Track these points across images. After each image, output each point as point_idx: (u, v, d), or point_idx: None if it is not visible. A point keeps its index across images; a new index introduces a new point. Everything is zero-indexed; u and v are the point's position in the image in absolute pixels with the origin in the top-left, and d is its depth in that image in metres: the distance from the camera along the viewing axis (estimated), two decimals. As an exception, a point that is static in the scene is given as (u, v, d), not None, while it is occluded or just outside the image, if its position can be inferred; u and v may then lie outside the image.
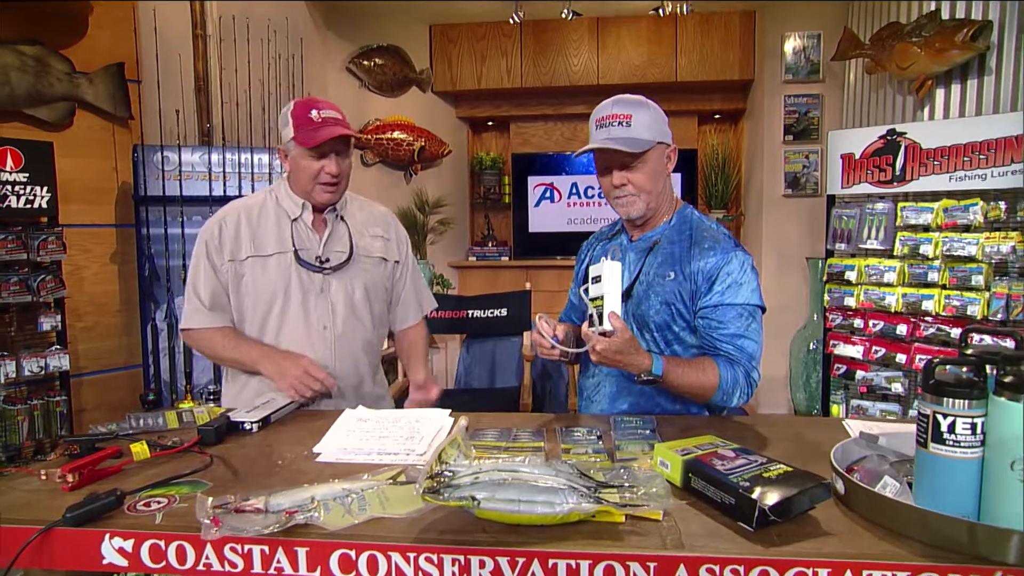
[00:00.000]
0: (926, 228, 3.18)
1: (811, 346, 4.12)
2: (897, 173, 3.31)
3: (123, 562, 1.00)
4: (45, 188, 2.92)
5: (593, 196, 5.31)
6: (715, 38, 4.69)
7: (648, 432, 1.40)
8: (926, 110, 3.74)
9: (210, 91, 3.66)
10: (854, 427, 1.42)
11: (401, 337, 2.03)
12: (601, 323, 1.37)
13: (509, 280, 5.07)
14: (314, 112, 1.67)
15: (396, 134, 4.84)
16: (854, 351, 3.42)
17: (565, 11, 4.21)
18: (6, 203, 2.81)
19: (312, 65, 4.23)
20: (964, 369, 0.95)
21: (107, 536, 1.00)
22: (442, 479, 1.03)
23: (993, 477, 0.90)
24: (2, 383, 2.81)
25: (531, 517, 0.98)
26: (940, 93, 3.58)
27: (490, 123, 5.60)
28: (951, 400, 0.92)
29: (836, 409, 3.59)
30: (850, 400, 3.50)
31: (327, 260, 1.77)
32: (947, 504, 0.92)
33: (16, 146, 2.84)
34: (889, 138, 3.35)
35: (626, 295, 1.60)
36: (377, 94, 4.83)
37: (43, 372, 2.92)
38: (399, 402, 1.98)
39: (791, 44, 4.36)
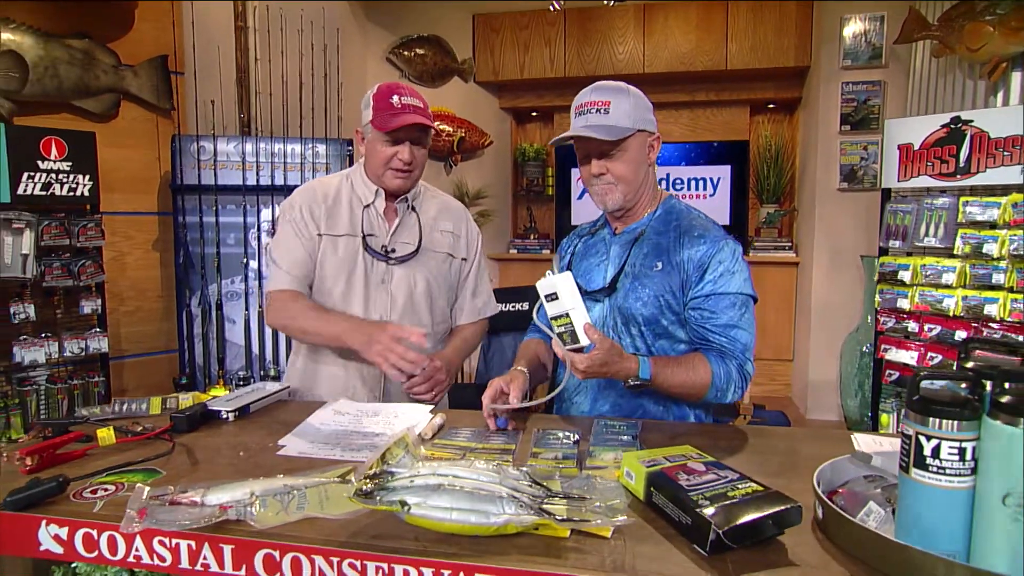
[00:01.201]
0: (992, 225, 2.90)
1: (863, 350, 3.86)
2: (961, 165, 3.05)
3: (59, 549, 1.00)
4: (87, 176, 3.04)
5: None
6: (769, 23, 4.44)
7: (628, 439, 1.31)
8: (999, 96, 3.42)
9: (249, 82, 3.72)
10: (863, 442, 1.28)
11: (454, 332, 1.94)
12: (575, 340, 1.28)
13: (549, 273, 4.98)
14: (395, 98, 1.65)
15: (437, 124, 4.82)
16: (908, 357, 3.18)
17: (608, -2, 4.07)
18: (50, 191, 2.93)
19: (351, 56, 4.25)
20: (960, 385, 0.83)
21: (44, 523, 0.99)
22: (380, 480, 0.98)
23: (983, 511, 0.77)
24: (45, 363, 2.95)
25: (463, 527, 0.91)
26: (1016, 77, 3.28)
27: (534, 114, 5.51)
28: (936, 420, 0.79)
29: (886, 419, 3.35)
30: (902, 409, 3.26)
31: (393, 250, 1.74)
32: (930, 539, 0.80)
33: (60, 136, 2.96)
34: (953, 127, 3.08)
35: (610, 289, 1.51)
36: (418, 84, 4.82)
37: (83, 353, 3.05)
38: (453, 397, 1.91)
39: (851, 27, 4.08)
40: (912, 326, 3.15)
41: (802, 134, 4.80)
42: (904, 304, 3.16)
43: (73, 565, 1.20)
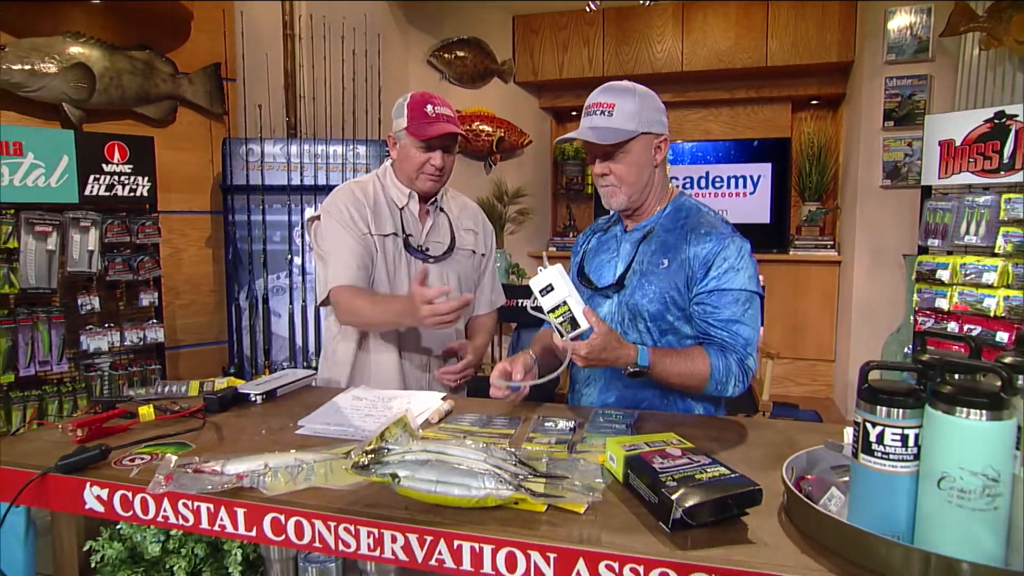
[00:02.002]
0: (1036, 223, 2.82)
1: (906, 351, 3.77)
2: (1005, 161, 2.95)
3: (100, 508, 1.13)
4: (146, 178, 3.27)
5: (677, 187, 5.13)
6: (811, 18, 4.37)
7: (624, 427, 1.37)
8: (1051, 89, 3.30)
9: (296, 87, 3.91)
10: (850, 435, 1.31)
11: (470, 323, 2.06)
12: (576, 326, 1.34)
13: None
14: (429, 107, 1.75)
15: (476, 125, 4.93)
16: (946, 358, 3.10)
17: (643, -2, 4.09)
18: (113, 191, 3.17)
19: (393, 59, 4.40)
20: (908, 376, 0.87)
21: (88, 484, 1.13)
22: (377, 455, 1.08)
23: (924, 495, 0.81)
24: (108, 351, 3.19)
25: (447, 498, 1.00)
26: (1067, 70, 3.15)
27: (573, 113, 5.55)
28: (881, 408, 0.84)
29: (924, 421, 3.28)
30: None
31: (428, 249, 1.86)
32: (876, 521, 0.84)
33: (123, 141, 3.19)
34: (997, 121, 2.99)
35: (618, 285, 1.57)
36: (458, 86, 4.94)
37: (142, 343, 3.28)
38: (472, 387, 2.00)
39: (896, 21, 3.98)
40: (952, 326, 3.08)
41: (845, 130, 4.70)
42: (943, 304, 3.08)
43: (118, 527, 1.35)
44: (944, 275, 3.06)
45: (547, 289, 1.34)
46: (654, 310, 1.53)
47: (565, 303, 1.33)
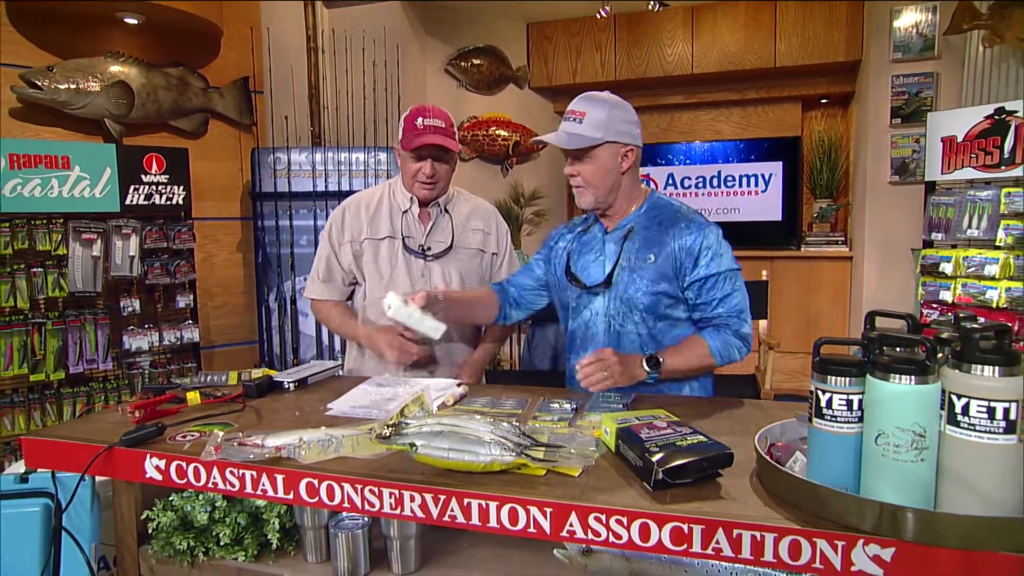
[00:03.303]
0: (1037, 216, 2.89)
1: (915, 344, 3.84)
2: (1005, 156, 3.03)
3: (158, 477, 1.30)
4: (181, 187, 3.47)
5: (690, 187, 5.24)
6: (818, 18, 4.45)
7: (620, 407, 1.51)
8: (1054, 85, 3.35)
9: (320, 98, 4.10)
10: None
11: (487, 333, 2.18)
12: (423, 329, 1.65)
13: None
14: (419, 120, 1.90)
15: (492, 130, 5.08)
16: (952, 350, 3.17)
17: (652, 3, 4.21)
18: (151, 200, 3.38)
19: (412, 69, 4.57)
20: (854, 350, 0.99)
21: (148, 456, 1.30)
22: (397, 428, 1.23)
23: (865, 451, 0.94)
24: (148, 350, 3.40)
25: (457, 463, 1.15)
26: (1069, 65, 3.21)
27: (588, 116, 5.68)
28: (831, 378, 0.96)
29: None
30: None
31: (429, 248, 2.02)
32: (829, 476, 0.97)
33: (160, 153, 3.40)
34: (997, 118, 3.07)
35: (607, 282, 1.71)
36: (474, 93, 5.10)
37: (179, 342, 3.49)
38: (490, 381, 2.18)
39: (902, 19, 4.05)
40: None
41: (855, 128, 4.77)
42: (947, 296, 3.16)
43: (171, 498, 1.52)
44: (947, 268, 3.14)
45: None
46: (648, 301, 1.67)
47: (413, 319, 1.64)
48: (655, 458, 1.07)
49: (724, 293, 1.65)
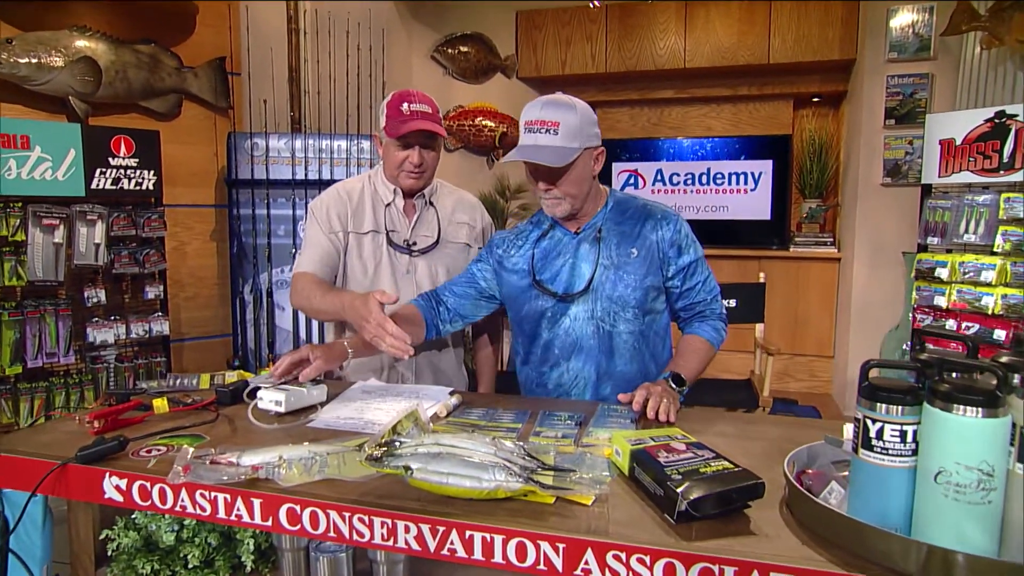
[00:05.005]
0: (1035, 222, 2.85)
1: (904, 347, 3.81)
2: (1004, 160, 2.98)
3: (119, 498, 1.16)
4: (152, 172, 3.29)
5: (679, 183, 5.16)
6: (813, 15, 4.38)
7: (627, 422, 1.40)
8: (1051, 90, 3.32)
9: (300, 82, 3.93)
10: (850, 431, 1.34)
11: (478, 327, 2.04)
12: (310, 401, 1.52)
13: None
14: (405, 105, 1.76)
15: (479, 120, 4.94)
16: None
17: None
18: (119, 185, 3.19)
19: (397, 55, 4.41)
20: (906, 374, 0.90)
21: (107, 474, 1.16)
22: (389, 448, 1.11)
23: (921, 489, 0.84)
24: (114, 343, 3.22)
25: (458, 490, 1.03)
26: (1067, 70, 3.17)
27: (576, 109, 5.57)
28: (881, 405, 0.87)
29: (921, 417, 3.31)
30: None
31: (415, 243, 1.88)
32: (876, 514, 0.87)
33: (129, 135, 3.21)
34: (997, 121, 3.02)
35: (588, 285, 1.63)
36: (461, 81, 4.95)
37: (148, 335, 3.31)
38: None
39: (898, 19, 3.99)
40: (950, 324, 3.11)
41: (846, 128, 4.72)
42: (941, 301, 3.12)
43: (133, 516, 1.38)
44: (943, 273, 3.10)
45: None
46: (639, 296, 1.63)
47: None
48: (679, 488, 0.97)
49: (703, 277, 1.69)
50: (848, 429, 1.36)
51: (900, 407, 0.85)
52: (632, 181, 5.29)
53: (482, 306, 1.79)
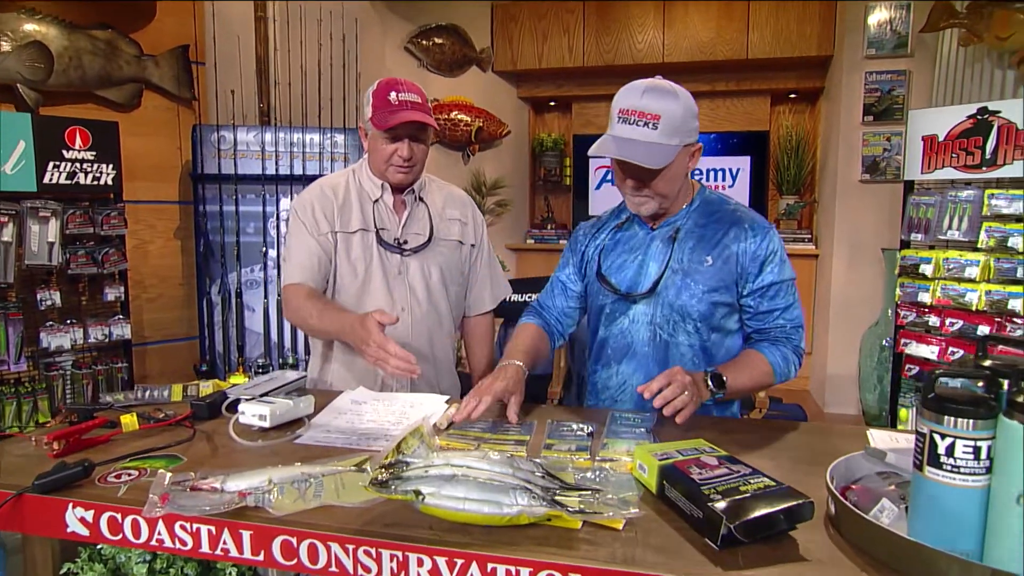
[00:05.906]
0: (1018, 219, 2.85)
1: (883, 344, 3.82)
2: (987, 157, 2.98)
3: (84, 532, 1.02)
4: (111, 166, 3.08)
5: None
6: (791, 11, 4.37)
7: (644, 431, 1.31)
8: (1029, 87, 3.35)
9: (269, 72, 3.75)
10: (878, 438, 1.27)
11: (470, 328, 1.95)
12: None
13: (565, 264, 4.98)
14: (393, 95, 1.64)
15: (454, 114, 4.82)
16: (928, 351, 3.14)
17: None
18: (75, 179, 2.98)
19: (370, 45, 4.26)
20: (977, 383, 0.82)
21: (70, 506, 1.02)
22: (395, 470, 0.99)
23: (997, 511, 0.77)
24: (70, 348, 3.01)
25: (476, 516, 0.92)
26: (1045, 67, 3.20)
27: (552, 103, 5.49)
28: (951, 418, 0.79)
29: (904, 413, 3.31)
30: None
31: (406, 242, 1.75)
32: (943, 537, 0.79)
33: (85, 126, 3.00)
34: (980, 117, 3.02)
35: (654, 286, 1.50)
36: (436, 74, 4.82)
37: (107, 340, 3.10)
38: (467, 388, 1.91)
39: (876, 15, 4.00)
40: (933, 320, 3.11)
41: (824, 125, 4.73)
42: (925, 298, 3.11)
43: (99, 547, 1.24)
44: (927, 269, 3.09)
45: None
46: (704, 309, 1.48)
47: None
48: (720, 508, 0.88)
49: (787, 303, 1.49)
50: (873, 436, 1.30)
51: (972, 420, 0.78)
52: (609, 177, 5.22)
53: (580, 309, 1.70)
